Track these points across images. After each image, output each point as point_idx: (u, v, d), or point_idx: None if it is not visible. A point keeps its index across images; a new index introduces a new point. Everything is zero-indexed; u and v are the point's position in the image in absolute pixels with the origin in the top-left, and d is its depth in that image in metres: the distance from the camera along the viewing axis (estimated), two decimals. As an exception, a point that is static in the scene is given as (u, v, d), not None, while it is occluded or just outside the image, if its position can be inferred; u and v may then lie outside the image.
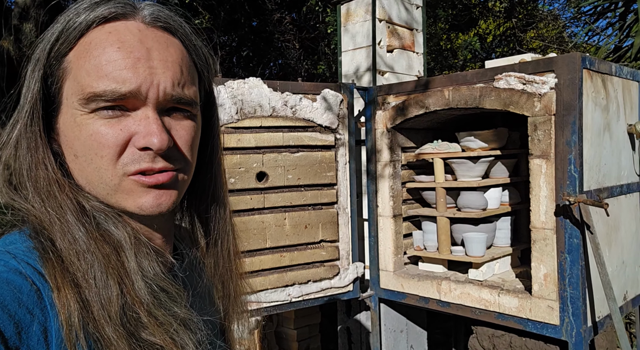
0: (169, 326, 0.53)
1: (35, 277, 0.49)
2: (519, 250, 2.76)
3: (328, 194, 2.61)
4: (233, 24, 9.66)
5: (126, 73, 0.53)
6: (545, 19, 9.13)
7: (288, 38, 9.55)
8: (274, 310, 2.51)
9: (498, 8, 9.29)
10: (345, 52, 3.24)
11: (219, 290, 0.73)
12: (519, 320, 2.25)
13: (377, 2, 3.04)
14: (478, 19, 9.36)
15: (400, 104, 2.68)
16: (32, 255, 0.51)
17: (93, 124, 0.53)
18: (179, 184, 0.59)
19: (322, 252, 2.60)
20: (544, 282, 2.16)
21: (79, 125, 0.54)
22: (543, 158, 2.16)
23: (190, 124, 0.60)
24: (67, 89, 0.54)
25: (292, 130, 2.49)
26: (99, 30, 0.54)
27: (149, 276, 0.54)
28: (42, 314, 0.48)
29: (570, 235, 2.08)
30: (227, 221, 0.72)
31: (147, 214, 0.57)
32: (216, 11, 9.16)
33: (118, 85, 0.52)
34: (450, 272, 2.70)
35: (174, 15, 0.61)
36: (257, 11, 9.64)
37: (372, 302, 2.91)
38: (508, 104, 2.26)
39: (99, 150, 0.53)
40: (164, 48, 0.56)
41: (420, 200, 2.96)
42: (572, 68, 2.07)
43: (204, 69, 0.64)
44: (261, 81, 2.41)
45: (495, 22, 9.54)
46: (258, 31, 10.05)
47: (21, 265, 0.49)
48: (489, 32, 9.41)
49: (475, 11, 9.42)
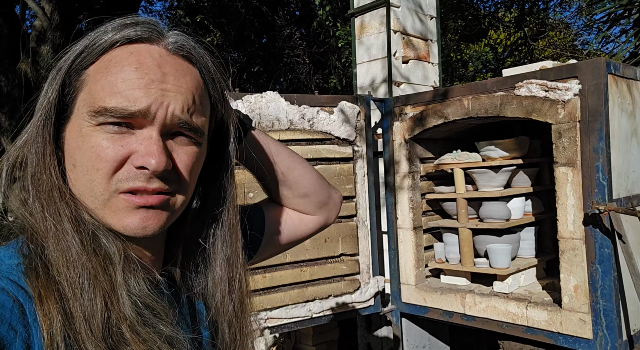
0: (152, 343, 0.52)
1: (19, 293, 0.49)
2: (544, 261, 2.69)
3: (347, 206, 2.57)
4: (243, 40, 9.79)
5: (138, 92, 0.54)
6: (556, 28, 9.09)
7: (298, 53, 9.63)
8: (294, 326, 2.45)
9: (508, 18, 9.29)
10: (360, 65, 3.23)
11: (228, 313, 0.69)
12: (549, 335, 2.17)
13: (391, 13, 3.03)
14: (488, 29, 9.36)
15: (418, 114, 2.65)
16: (16, 272, 0.51)
17: (96, 136, 0.54)
18: (170, 207, 0.58)
19: (343, 266, 2.55)
20: (575, 294, 2.09)
21: (83, 136, 0.54)
22: (569, 166, 2.10)
23: (194, 150, 0.60)
24: (80, 99, 0.56)
25: (310, 143, 2.47)
26: (121, 49, 0.56)
27: (135, 292, 0.54)
28: (25, 331, 0.47)
29: (600, 245, 2.02)
30: (236, 246, 0.68)
31: (130, 235, 0.56)
32: (226, 28, 9.30)
33: (129, 104, 0.53)
34: (474, 284, 2.63)
35: (198, 47, 0.62)
36: (267, 27, 9.76)
37: (394, 316, 2.84)
38: (530, 111, 2.22)
39: (97, 163, 0.54)
40: (180, 75, 0.57)
41: (441, 211, 2.91)
42: (596, 73, 2.03)
43: (218, 102, 0.64)
44: (278, 95, 2.40)
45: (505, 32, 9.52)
46: (268, 47, 10.15)
47: (3, 281, 0.49)
48: (499, 42, 9.39)
49: (485, 21, 9.43)
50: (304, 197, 0.84)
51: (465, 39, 9.23)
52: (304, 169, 0.84)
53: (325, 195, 0.87)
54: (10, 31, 6.34)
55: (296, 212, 0.86)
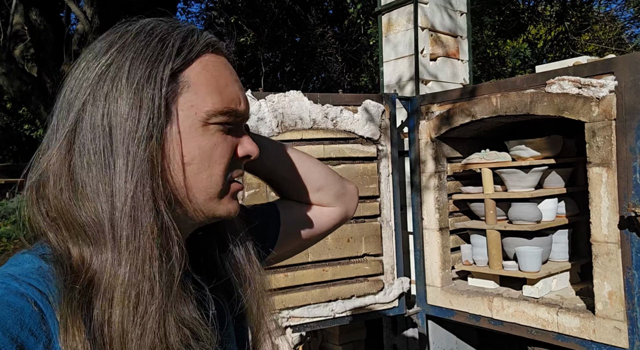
0: None
1: (38, 298, 0.48)
2: (579, 265, 2.57)
3: (371, 206, 2.54)
4: (276, 40, 9.87)
5: (241, 96, 0.61)
6: (601, 21, 8.67)
7: (330, 52, 9.62)
8: (317, 325, 2.45)
9: (549, 12, 8.94)
10: (387, 63, 3.18)
11: (252, 311, 0.69)
12: (582, 342, 2.07)
13: (419, 10, 2.97)
14: (527, 24, 9.03)
15: (445, 112, 2.59)
16: (36, 276, 0.49)
17: (214, 134, 0.58)
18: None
19: (366, 267, 2.53)
20: (609, 301, 1.98)
21: (202, 135, 0.57)
22: (603, 166, 2.00)
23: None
24: (183, 101, 0.56)
25: (333, 142, 2.46)
26: (210, 55, 0.60)
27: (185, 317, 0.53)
28: (46, 336, 0.46)
29: (637, 250, 1.91)
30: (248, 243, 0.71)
31: (232, 217, 0.62)
32: (260, 29, 9.40)
33: (239, 107, 0.60)
34: (503, 288, 2.54)
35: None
36: (300, 27, 9.79)
37: (419, 318, 2.79)
38: (562, 109, 2.12)
39: (220, 158, 0.58)
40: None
41: (468, 212, 2.83)
42: (634, 69, 1.92)
43: None
44: (301, 94, 2.40)
45: (545, 27, 9.17)
46: (301, 46, 10.19)
47: (22, 286, 0.48)
48: (539, 38, 9.05)
49: (525, 16, 9.11)
50: (318, 191, 0.84)
51: (502, 35, 8.94)
52: (311, 163, 0.84)
53: (340, 186, 0.87)
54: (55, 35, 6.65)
55: (314, 206, 0.86)
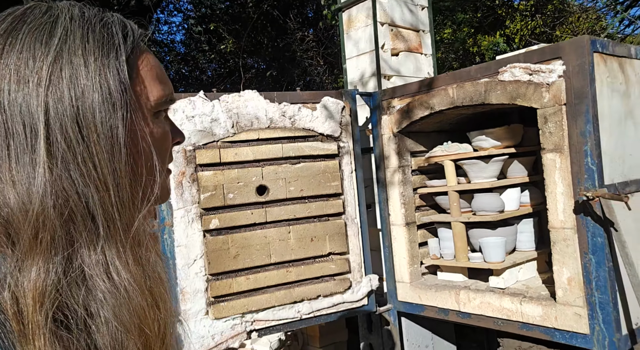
0: None
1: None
2: (546, 253, 2.55)
3: (334, 204, 2.52)
4: (257, 46, 9.83)
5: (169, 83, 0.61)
6: (575, 13, 8.75)
7: (311, 55, 9.60)
8: (284, 328, 2.42)
9: (524, 6, 9.00)
10: (349, 59, 3.17)
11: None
12: (545, 330, 2.05)
13: (377, 5, 2.97)
14: (504, 19, 9.08)
15: (405, 106, 2.57)
16: None
17: (160, 123, 0.58)
18: None
19: (332, 266, 2.50)
20: (569, 287, 1.97)
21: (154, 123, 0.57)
22: (556, 152, 1.99)
23: None
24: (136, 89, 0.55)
25: (292, 141, 2.43)
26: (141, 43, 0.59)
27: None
28: None
29: (593, 234, 1.89)
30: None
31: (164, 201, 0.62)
32: (240, 35, 9.36)
33: (172, 92, 0.60)
34: (471, 281, 2.52)
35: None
36: (280, 32, 9.78)
37: (391, 316, 2.77)
38: (515, 97, 2.11)
39: (166, 144, 0.59)
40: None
41: (435, 206, 2.81)
42: (580, 53, 1.91)
43: None
44: (257, 93, 2.38)
45: (522, 22, 9.22)
46: (282, 51, 10.17)
47: None
48: (516, 32, 9.10)
49: (501, 12, 9.16)
50: None
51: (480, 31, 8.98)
52: None
53: None
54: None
55: None
